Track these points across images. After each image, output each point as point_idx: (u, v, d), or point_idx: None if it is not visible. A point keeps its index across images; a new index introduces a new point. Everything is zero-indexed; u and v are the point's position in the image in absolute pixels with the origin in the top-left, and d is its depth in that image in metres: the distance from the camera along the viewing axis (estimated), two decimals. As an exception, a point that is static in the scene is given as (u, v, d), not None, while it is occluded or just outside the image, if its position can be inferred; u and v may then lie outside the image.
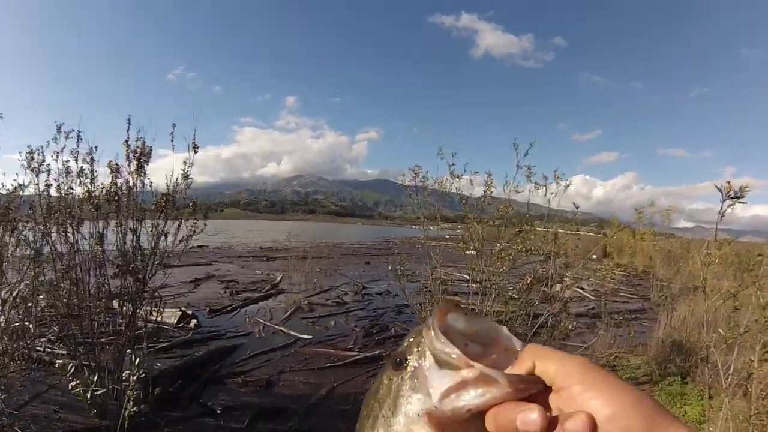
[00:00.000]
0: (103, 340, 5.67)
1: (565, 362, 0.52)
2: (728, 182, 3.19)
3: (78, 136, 5.50)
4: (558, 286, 6.55)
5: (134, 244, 5.53)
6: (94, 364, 5.22)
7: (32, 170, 5.51)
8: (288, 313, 11.02)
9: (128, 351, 5.02)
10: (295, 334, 9.10)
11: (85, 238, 5.49)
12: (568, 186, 6.50)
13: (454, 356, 0.54)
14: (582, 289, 15.24)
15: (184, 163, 5.69)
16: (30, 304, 5.18)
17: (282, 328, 9.49)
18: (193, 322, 9.46)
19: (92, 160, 5.53)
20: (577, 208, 6.77)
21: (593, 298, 14.66)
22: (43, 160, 5.52)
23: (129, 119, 5.56)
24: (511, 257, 6.16)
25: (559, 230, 6.93)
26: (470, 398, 0.52)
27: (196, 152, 5.83)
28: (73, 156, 5.52)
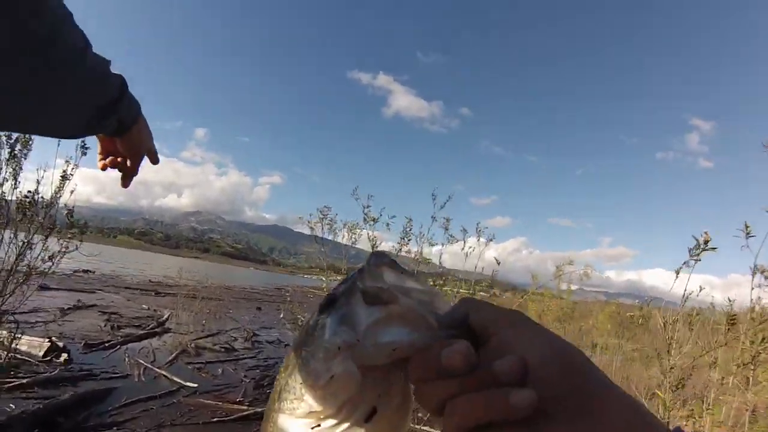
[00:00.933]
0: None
1: (499, 310, 0.50)
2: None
3: None
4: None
5: None
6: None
7: None
8: (173, 355, 10.14)
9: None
10: (180, 380, 8.31)
11: None
12: (491, 240, 6.57)
13: (385, 289, 0.51)
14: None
15: (66, 162, 5.03)
16: None
17: (165, 373, 8.65)
18: (64, 356, 8.40)
19: None
20: (498, 263, 6.79)
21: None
22: None
23: None
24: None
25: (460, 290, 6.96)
26: (396, 335, 0.49)
27: (85, 154, 5.14)
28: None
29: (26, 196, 4.81)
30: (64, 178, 5.00)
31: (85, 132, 1.01)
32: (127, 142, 1.22)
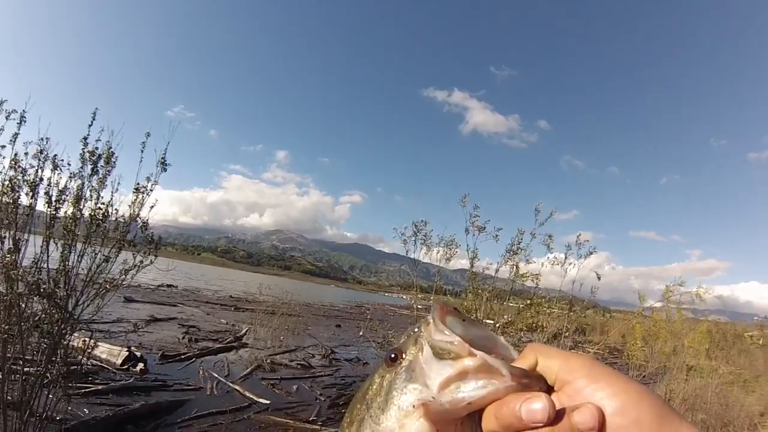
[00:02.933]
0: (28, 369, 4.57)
1: (569, 357, 0.52)
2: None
3: (22, 118, 4.62)
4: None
5: (65, 264, 4.54)
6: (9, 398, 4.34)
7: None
8: (248, 370, 9.99)
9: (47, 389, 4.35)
10: (252, 396, 8.05)
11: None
12: (591, 254, 5.94)
13: (456, 343, 0.52)
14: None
15: (147, 179, 4.88)
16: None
17: (238, 388, 8.44)
18: (140, 365, 8.41)
19: (44, 156, 4.59)
20: (599, 278, 6.08)
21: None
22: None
23: (94, 114, 4.76)
24: (520, 330, 5.51)
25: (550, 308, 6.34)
26: (471, 389, 0.50)
27: (165, 170, 5.02)
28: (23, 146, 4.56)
29: (99, 208, 4.66)
30: (137, 191, 4.82)
31: None
32: None
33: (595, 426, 0.44)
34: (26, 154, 4.57)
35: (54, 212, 4.58)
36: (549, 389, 0.51)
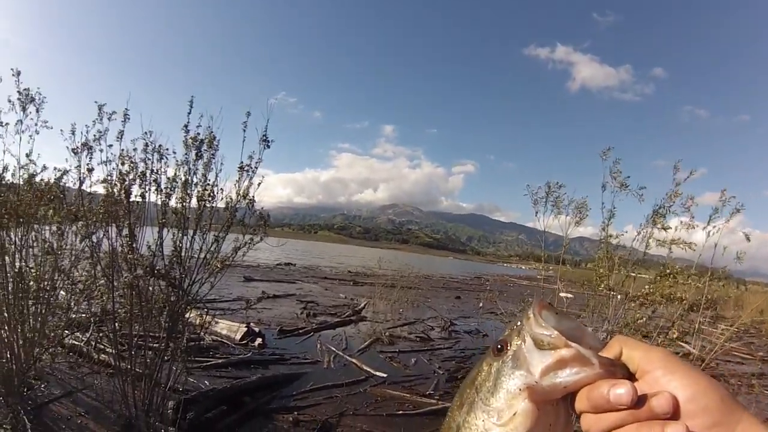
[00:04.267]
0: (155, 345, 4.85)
1: (649, 350, 0.58)
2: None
3: (125, 116, 4.63)
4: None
5: (180, 245, 4.65)
6: (139, 370, 4.63)
7: (74, 152, 4.69)
8: (366, 344, 9.90)
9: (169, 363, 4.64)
10: (369, 369, 7.88)
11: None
12: (738, 211, 5.05)
13: (553, 336, 0.59)
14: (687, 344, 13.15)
15: (250, 158, 4.80)
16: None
17: (355, 361, 8.33)
18: (258, 341, 8.55)
19: (153, 150, 4.66)
20: (749, 240, 5.14)
21: (698, 355, 12.35)
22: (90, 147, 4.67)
23: (191, 102, 4.72)
24: (657, 302, 4.83)
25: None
26: (567, 375, 0.58)
27: (268, 147, 4.89)
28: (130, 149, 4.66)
29: (205, 190, 4.64)
30: (242, 169, 4.72)
31: None
32: None
33: (669, 411, 0.51)
34: (135, 149, 4.66)
35: (165, 199, 4.68)
36: (631, 377, 0.57)
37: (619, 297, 5.56)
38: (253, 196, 4.84)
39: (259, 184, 4.86)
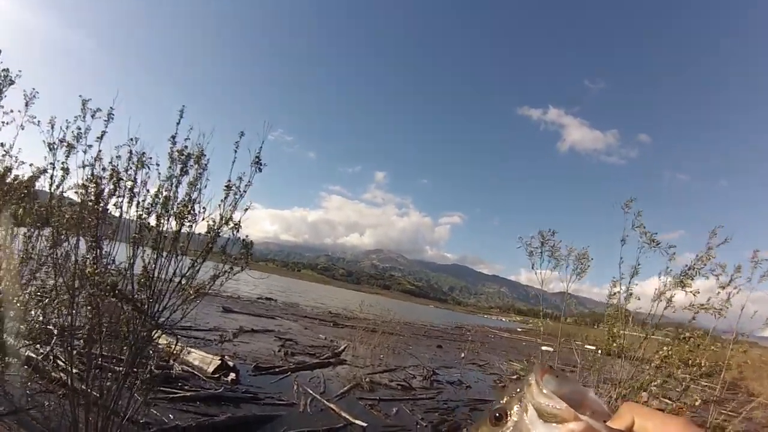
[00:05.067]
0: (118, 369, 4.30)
1: (666, 420, 0.52)
2: None
3: (109, 116, 4.27)
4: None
5: (152, 266, 4.19)
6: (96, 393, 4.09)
7: (50, 147, 4.32)
8: (345, 388, 9.36)
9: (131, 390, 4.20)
10: (348, 416, 7.34)
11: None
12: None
13: (561, 408, 0.53)
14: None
15: (239, 179, 4.41)
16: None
17: (333, 406, 7.78)
18: (232, 375, 8.01)
19: (137, 159, 4.24)
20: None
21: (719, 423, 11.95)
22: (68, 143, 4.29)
23: (182, 111, 4.36)
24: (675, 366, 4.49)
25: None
26: None
27: (260, 170, 4.50)
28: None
29: (185, 206, 4.23)
30: (228, 188, 4.33)
31: None
32: None
33: None
34: (118, 157, 4.24)
35: (143, 213, 4.27)
36: None
37: (623, 357, 5.24)
38: (239, 221, 4.43)
39: (246, 209, 4.45)
